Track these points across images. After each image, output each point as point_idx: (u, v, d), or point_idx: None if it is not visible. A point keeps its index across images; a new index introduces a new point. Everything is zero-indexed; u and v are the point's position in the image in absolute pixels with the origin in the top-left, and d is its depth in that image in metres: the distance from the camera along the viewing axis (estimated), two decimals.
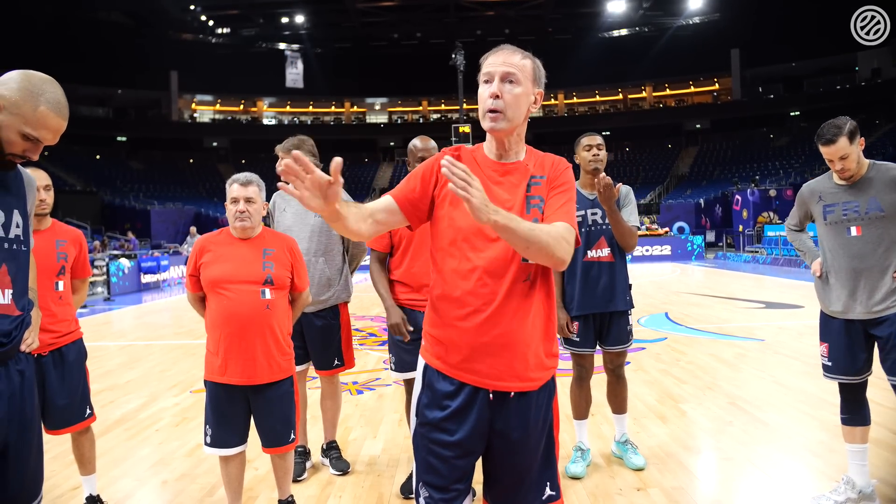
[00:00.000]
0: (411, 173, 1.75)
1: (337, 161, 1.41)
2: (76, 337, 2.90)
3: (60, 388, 2.78)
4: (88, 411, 2.93)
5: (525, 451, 1.67)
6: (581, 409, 3.49)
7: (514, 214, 1.51)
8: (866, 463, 2.82)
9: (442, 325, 1.67)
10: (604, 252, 3.31)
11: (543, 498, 1.71)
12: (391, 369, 3.29)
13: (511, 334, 1.61)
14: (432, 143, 3.20)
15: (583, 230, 3.31)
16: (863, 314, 2.73)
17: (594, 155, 3.34)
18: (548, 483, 1.72)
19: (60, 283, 2.83)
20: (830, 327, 2.88)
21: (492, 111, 1.63)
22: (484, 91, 1.66)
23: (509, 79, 1.64)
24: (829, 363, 2.86)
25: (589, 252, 3.31)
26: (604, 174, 3.17)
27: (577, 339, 3.38)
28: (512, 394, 1.64)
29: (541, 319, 1.67)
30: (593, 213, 3.33)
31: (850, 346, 2.78)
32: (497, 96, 1.63)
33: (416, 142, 3.20)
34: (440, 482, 1.66)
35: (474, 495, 1.76)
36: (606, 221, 3.30)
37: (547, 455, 1.72)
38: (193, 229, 17.66)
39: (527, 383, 1.65)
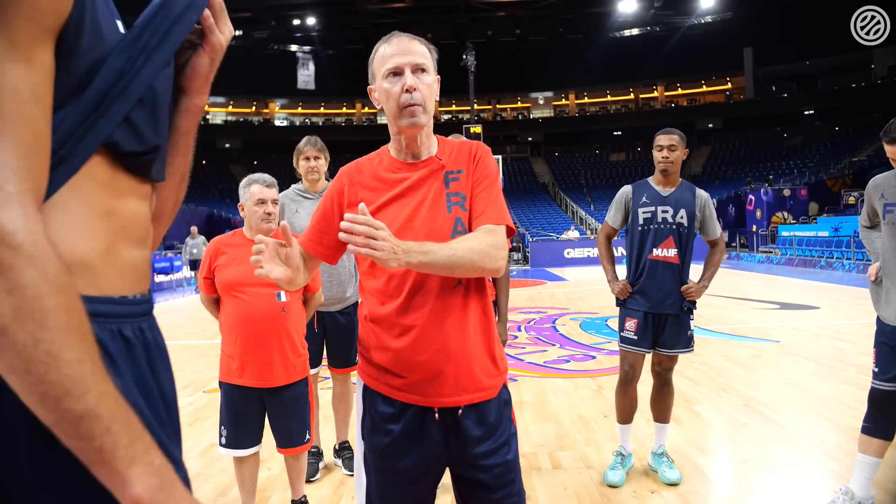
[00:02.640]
0: (317, 209, 1.64)
1: (283, 225, 1.40)
2: None
3: None
4: None
5: (486, 468, 1.54)
6: (625, 412, 3.36)
7: (428, 244, 1.38)
8: (872, 478, 2.75)
9: (376, 347, 1.54)
10: (670, 252, 3.21)
11: None
12: None
13: (451, 347, 1.48)
14: None
15: (651, 227, 3.23)
16: None
17: (664, 157, 3.23)
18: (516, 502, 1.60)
19: None
20: (881, 333, 2.75)
21: (412, 105, 1.49)
22: (394, 85, 1.50)
23: (420, 68, 1.51)
24: (877, 369, 2.75)
25: (655, 250, 3.21)
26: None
27: (636, 338, 3.26)
28: (461, 409, 1.51)
29: (481, 324, 1.54)
30: (664, 211, 3.23)
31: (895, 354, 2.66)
32: (413, 89, 1.49)
33: None
34: None
35: None
36: (676, 220, 3.21)
37: (513, 470, 1.59)
38: (194, 229, 16.60)
39: (475, 395, 1.52)
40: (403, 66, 1.50)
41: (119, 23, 0.76)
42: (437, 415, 1.51)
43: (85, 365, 0.61)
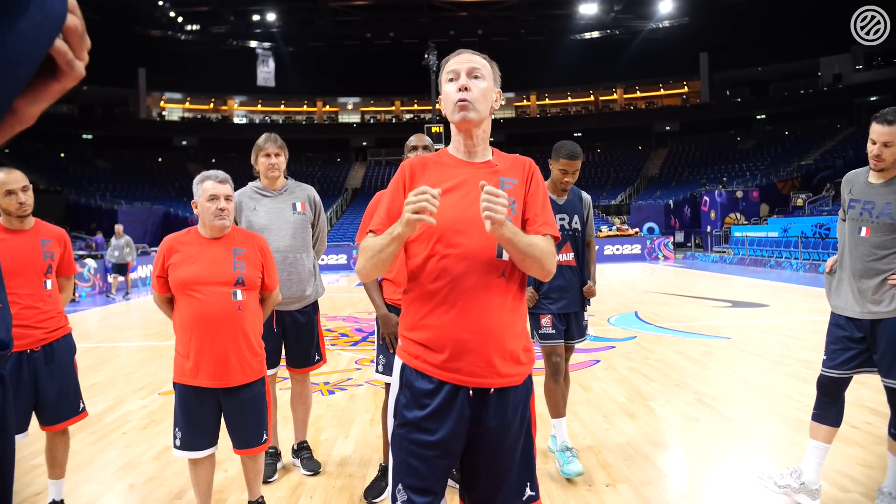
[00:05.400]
0: (386, 197, 1.77)
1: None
2: (65, 332, 2.96)
3: (53, 383, 2.83)
4: (81, 405, 3.00)
5: (503, 450, 1.67)
6: (561, 403, 3.49)
7: (517, 228, 1.61)
8: (821, 462, 2.86)
9: (419, 327, 1.67)
10: (568, 256, 3.49)
11: (524, 498, 1.70)
12: (378, 371, 3.21)
13: (489, 330, 1.62)
14: (427, 140, 3.21)
15: None
16: (860, 314, 2.72)
17: (567, 181, 3.46)
18: (528, 483, 1.71)
19: (48, 282, 2.89)
20: (832, 322, 2.87)
21: (462, 101, 1.69)
22: (451, 87, 1.73)
23: (475, 73, 1.72)
24: (825, 356, 2.86)
25: (557, 256, 3.34)
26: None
27: (553, 332, 3.47)
28: (492, 390, 1.65)
29: (517, 315, 1.70)
30: (561, 219, 3.46)
31: (843, 343, 2.78)
32: (466, 88, 1.70)
33: (412, 138, 3.23)
34: (421, 483, 1.65)
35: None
36: (572, 227, 3.50)
37: (526, 455, 1.72)
38: (119, 228, 14.31)
39: (506, 379, 1.66)
40: (460, 70, 1.73)
41: None
42: (471, 393, 1.64)
43: None
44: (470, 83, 1.71)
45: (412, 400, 1.67)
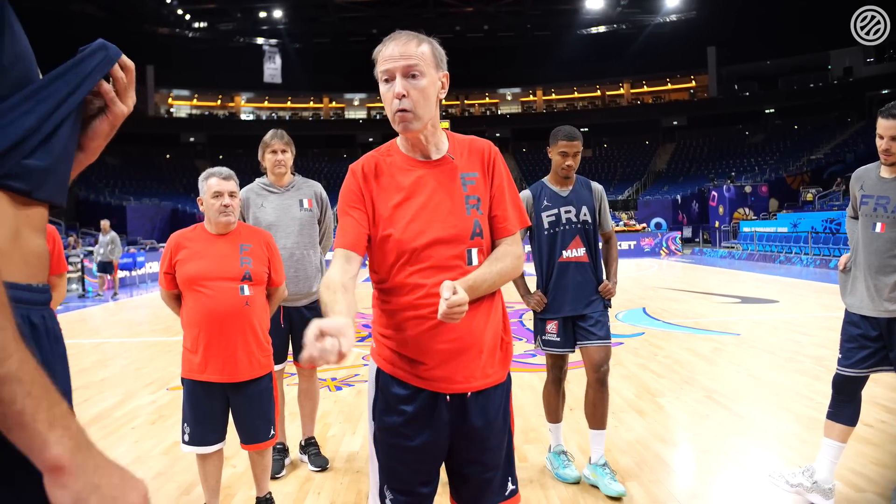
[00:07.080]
0: (344, 208, 1.62)
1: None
2: None
3: None
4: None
5: (487, 448, 1.64)
6: (559, 410, 3.39)
7: (475, 275, 1.53)
8: (836, 461, 2.83)
9: (393, 335, 1.61)
10: (579, 252, 3.15)
11: (506, 493, 1.69)
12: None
13: (465, 338, 1.56)
14: None
15: (557, 230, 3.16)
16: (876, 312, 2.68)
17: (568, 165, 3.14)
18: (509, 478, 1.70)
19: None
20: (847, 320, 2.84)
21: (401, 111, 1.50)
22: (387, 91, 1.52)
23: (411, 73, 1.50)
24: (840, 355, 2.83)
25: (564, 252, 3.14)
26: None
27: (558, 339, 3.22)
28: (469, 394, 1.60)
29: (493, 319, 1.63)
30: (567, 212, 3.15)
31: (858, 341, 2.75)
32: (402, 96, 1.49)
33: None
34: (405, 486, 1.63)
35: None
36: (581, 219, 3.16)
37: (507, 450, 1.71)
38: (105, 224, 13.71)
39: (482, 381, 1.60)
40: (394, 70, 1.50)
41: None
42: (448, 398, 1.59)
43: (7, 332, 0.62)
44: (408, 86, 1.49)
45: (388, 406, 1.61)
